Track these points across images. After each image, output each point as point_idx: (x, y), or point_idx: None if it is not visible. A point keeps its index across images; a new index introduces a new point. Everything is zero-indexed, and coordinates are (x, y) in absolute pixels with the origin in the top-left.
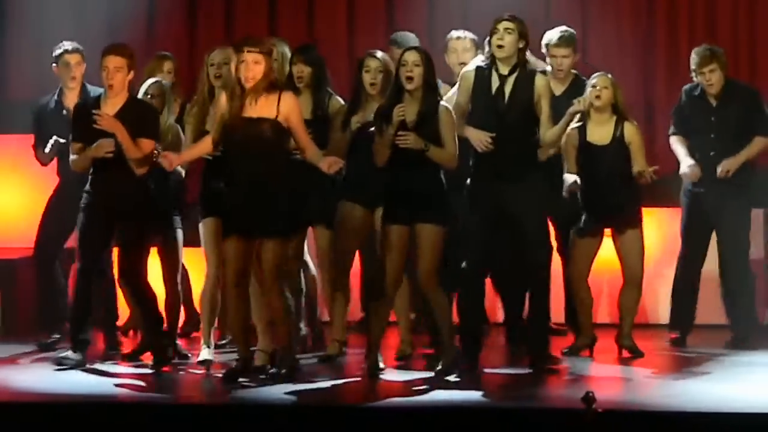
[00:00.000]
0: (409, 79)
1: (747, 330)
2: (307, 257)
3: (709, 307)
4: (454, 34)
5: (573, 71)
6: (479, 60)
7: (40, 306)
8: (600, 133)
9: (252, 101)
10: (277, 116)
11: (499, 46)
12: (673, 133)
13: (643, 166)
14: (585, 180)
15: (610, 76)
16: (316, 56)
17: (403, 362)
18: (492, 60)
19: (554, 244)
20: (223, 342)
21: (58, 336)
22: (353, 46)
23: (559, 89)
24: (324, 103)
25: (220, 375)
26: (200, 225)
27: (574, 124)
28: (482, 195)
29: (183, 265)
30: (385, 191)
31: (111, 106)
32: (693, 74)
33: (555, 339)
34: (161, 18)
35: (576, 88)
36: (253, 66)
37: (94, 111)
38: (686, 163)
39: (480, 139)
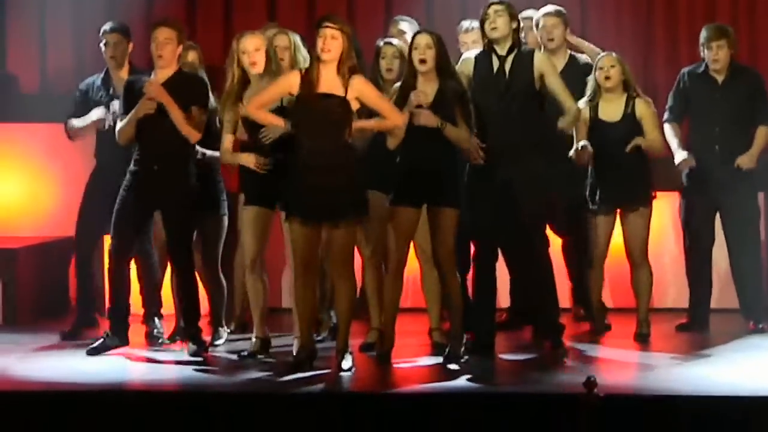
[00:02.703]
0: (422, 62)
1: (759, 313)
2: None
3: (719, 291)
4: (463, 25)
5: (569, 51)
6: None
7: (78, 295)
8: (610, 110)
9: (324, 78)
10: (345, 95)
11: (493, 29)
12: (668, 120)
13: (656, 139)
14: (596, 157)
15: (615, 54)
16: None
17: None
18: (489, 45)
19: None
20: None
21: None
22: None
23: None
24: None
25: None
26: (241, 211)
27: (585, 101)
28: (484, 175)
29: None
30: (396, 172)
31: (160, 77)
32: (701, 48)
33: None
34: (160, 4)
35: (573, 68)
36: (330, 40)
37: (144, 78)
38: (679, 155)
39: (474, 149)
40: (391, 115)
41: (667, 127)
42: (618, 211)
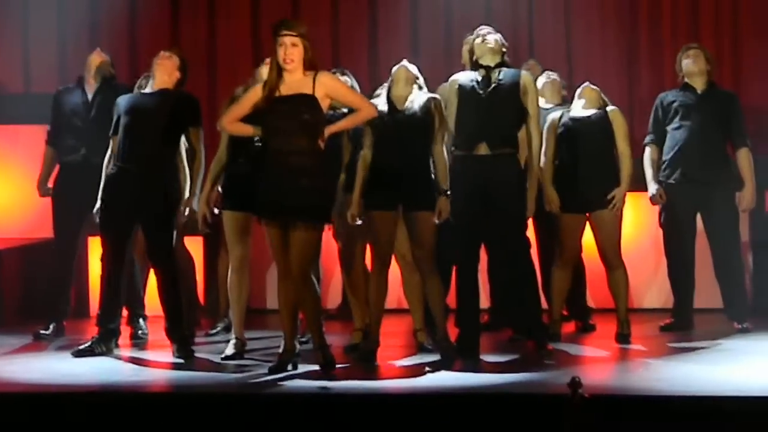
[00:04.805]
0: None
1: (743, 313)
2: None
3: (704, 291)
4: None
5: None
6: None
7: (56, 296)
8: (583, 108)
9: (288, 83)
10: (313, 92)
11: (484, 41)
12: (648, 143)
13: (625, 149)
14: (566, 155)
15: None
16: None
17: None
18: (476, 62)
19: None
20: (214, 331)
21: (53, 327)
22: (337, 54)
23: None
24: None
25: (267, 365)
26: (223, 215)
27: (555, 113)
28: (463, 173)
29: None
30: (370, 175)
31: (155, 85)
32: (678, 64)
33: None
34: (143, 14)
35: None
36: (291, 49)
37: (185, 217)
38: (652, 188)
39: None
40: (363, 106)
41: (647, 151)
42: (587, 213)
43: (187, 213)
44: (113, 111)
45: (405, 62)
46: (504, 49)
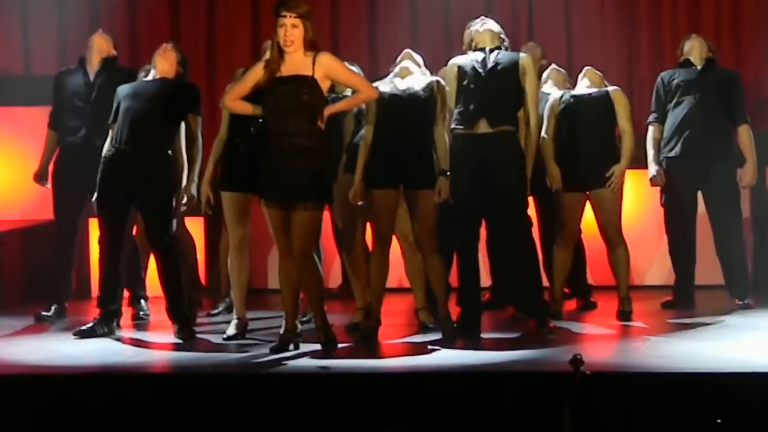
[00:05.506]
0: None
1: (744, 289)
2: None
3: (705, 268)
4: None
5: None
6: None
7: (58, 278)
8: (586, 87)
9: (289, 63)
10: (313, 74)
11: (483, 25)
12: (651, 121)
13: (627, 126)
14: (566, 133)
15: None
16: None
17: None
18: (475, 46)
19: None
20: (216, 311)
21: (54, 309)
22: (337, 46)
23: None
24: None
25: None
26: (222, 196)
27: (557, 93)
28: (463, 152)
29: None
30: (371, 155)
31: (157, 74)
32: (680, 50)
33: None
34: (143, 5)
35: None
36: (291, 30)
37: (183, 204)
38: (653, 169)
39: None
40: (363, 88)
41: (650, 130)
42: (587, 192)
43: (186, 199)
44: (114, 96)
45: (409, 50)
46: (503, 37)
